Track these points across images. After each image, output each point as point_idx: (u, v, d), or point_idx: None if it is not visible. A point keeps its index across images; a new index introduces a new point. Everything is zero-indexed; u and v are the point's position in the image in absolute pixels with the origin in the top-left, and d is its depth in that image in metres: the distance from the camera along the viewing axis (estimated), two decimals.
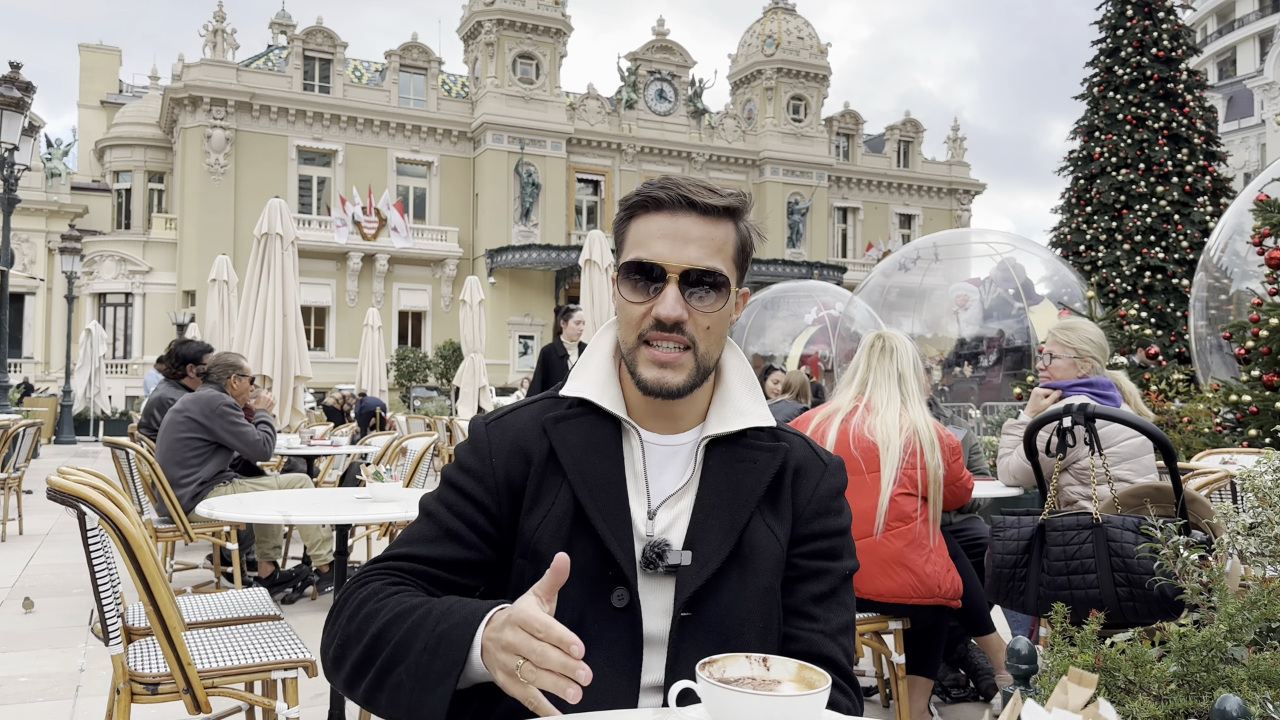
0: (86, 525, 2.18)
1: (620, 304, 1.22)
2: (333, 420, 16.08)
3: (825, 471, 1.29)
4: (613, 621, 1.16)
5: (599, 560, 1.17)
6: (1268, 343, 6.21)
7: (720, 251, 1.20)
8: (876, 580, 2.89)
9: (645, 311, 1.19)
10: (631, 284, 1.20)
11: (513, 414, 1.29)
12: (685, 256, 1.18)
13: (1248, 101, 40.74)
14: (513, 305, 36.15)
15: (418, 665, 1.04)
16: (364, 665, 1.09)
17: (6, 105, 12.13)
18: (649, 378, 1.19)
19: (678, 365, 1.19)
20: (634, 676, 1.15)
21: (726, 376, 1.29)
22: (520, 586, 1.16)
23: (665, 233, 1.19)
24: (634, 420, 1.25)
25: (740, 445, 1.25)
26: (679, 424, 1.26)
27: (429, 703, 1.02)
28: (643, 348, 1.20)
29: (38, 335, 34.55)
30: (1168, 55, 16.94)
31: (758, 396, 1.29)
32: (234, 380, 5.28)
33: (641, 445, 1.24)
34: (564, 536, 1.17)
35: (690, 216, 1.19)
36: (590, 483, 1.19)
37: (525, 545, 1.19)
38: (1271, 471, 1.81)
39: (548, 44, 37.32)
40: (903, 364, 3.06)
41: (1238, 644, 1.25)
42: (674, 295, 1.17)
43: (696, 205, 1.19)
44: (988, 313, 13.06)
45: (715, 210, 1.20)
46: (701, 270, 1.18)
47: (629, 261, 1.20)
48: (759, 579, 1.19)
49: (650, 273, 1.18)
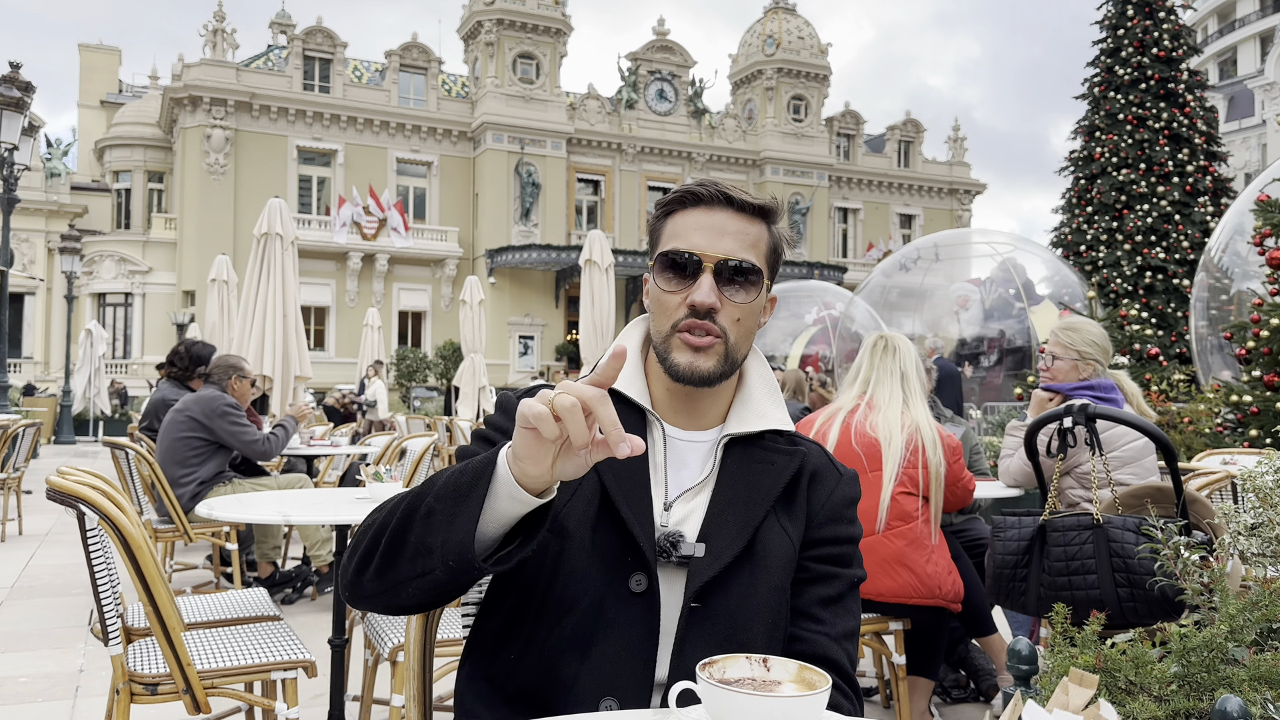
0: (86, 525, 2.18)
1: (656, 294, 1.26)
2: (333, 420, 16.07)
3: (841, 481, 1.32)
4: (631, 606, 1.17)
5: (620, 545, 1.19)
6: (1268, 343, 6.20)
7: (754, 247, 1.25)
8: (877, 580, 2.89)
9: (681, 300, 1.23)
10: (668, 274, 1.24)
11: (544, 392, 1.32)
12: (721, 247, 1.22)
13: (1248, 101, 40.74)
14: (513, 305, 36.15)
15: (447, 485, 1.05)
16: (386, 527, 1.09)
17: (6, 105, 12.12)
18: (681, 362, 1.23)
19: (710, 351, 1.22)
20: (649, 662, 1.16)
21: (749, 379, 1.33)
22: (545, 560, 1.18)
23: (702, 226, 1.24)
24: (658, 414, 1.28)
25: (759, 447, 1.28)
26: (701, 421, 1.29)
27: (461, 518, 1.01)
28: (677, 335, 1.23)
29: (37, 335, 34.55)
30: (1168, 55, 16.94)
31: (778, 401, 1.32)
32: (235, 381, 5.27)
33: (664, 438, 1.27)
34: (591, 517, 1.20)
35: (727, 212, 1.24)
36: (616, 469, 1.22)
37: (554, 521, 1.20)
38: (1272, 472, 1.81)
39: (548, 44, 37.31)
40: (905, 363, 3.08)
41: (1239, 645, 1.24)
42: (709, 284, 1.21)
43: (734, 201, 1.24)
44: (988, 313, 13.06)
45: (751, 208, 1.25)
46: (737, 261, 1.22)
47: (666, 251, 1.24)
48: (770, 576, 1.21)
49: (687, 262, 1.22)
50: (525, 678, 1.18)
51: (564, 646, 1.17)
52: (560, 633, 1.17)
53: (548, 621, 1.18)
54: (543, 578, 1.19)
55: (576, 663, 1.16)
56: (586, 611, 1.17)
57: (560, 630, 1.17)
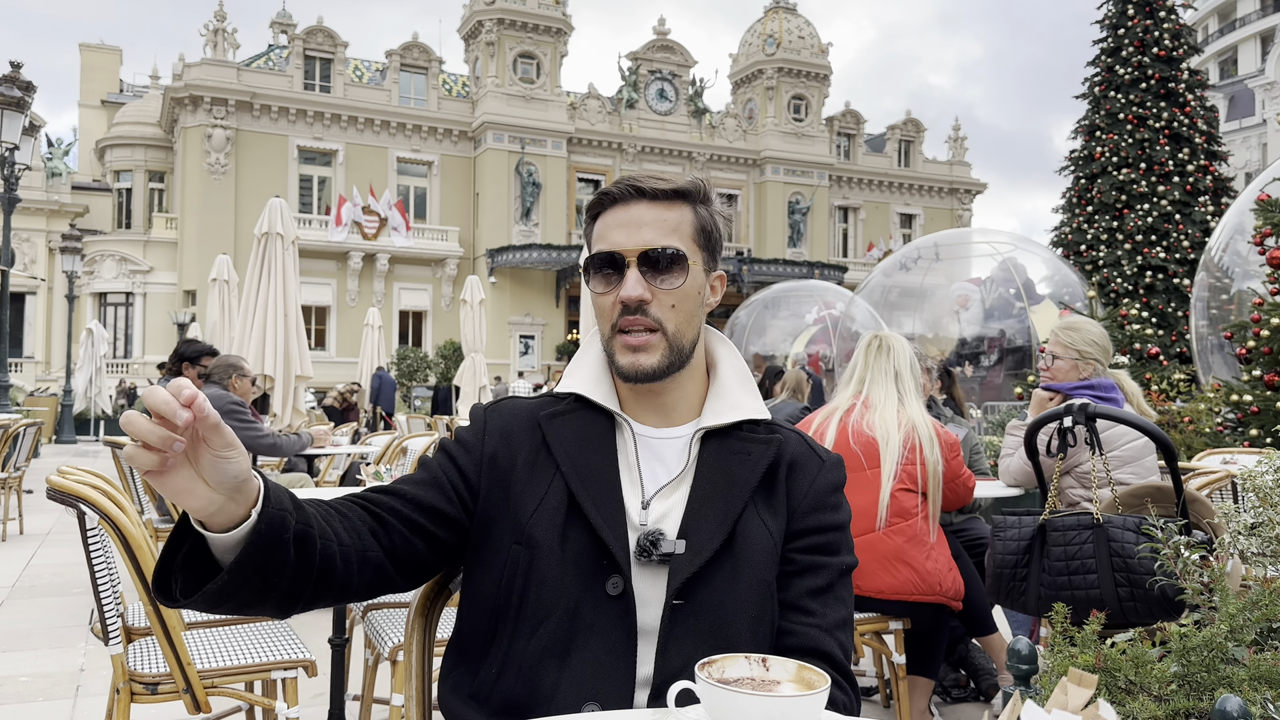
0: (86, 525, 2.18)
1: (592, 299, 1.28)
2: (333, 420, 16.07)
3: (823, 467, 1.30)
4: (608, 609, 1.17)
5: (593, 549, 1.18)
6: (1269, 342, 6.20)
7: (676, 231, 1.25)
8: (877, 577, 2.90)
9: (613, 300, 1.24)
10: (597, 277, 1.26)
11: (510, 403, 1.34)
12: (640, 239, 1.23)
13: (1249, 101, 40.72)
14: (513, 305, 36.15)
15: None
16: None
17: (7, 105, 12.12)
18: (624, 363, 1.24)
19: (649, 347, 1.23)
20: (630, 663, 1.16)
21: (720, 370, 1.33)
22: (515, 573, 1.19)
23: (620, 223, 1.25)
24: (627, 414, 1.28)
25: (734, 438, 1.27)
26: (672, 416, 1.29)
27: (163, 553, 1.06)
28: (618, 336, 1.24)
29: (38, 335, 34.55)
30: (1169, 55, 16.93)
31: (752, 390, 1.32)
32: (235, 380, 5.30)
33: (634, 437, 1.27)
34: (559, 526, 1.20)
35: (642, 204, 1.26)
36: (583, 474, 1.22)
37: (521, 532, 1.21)
38: (1272, 471, 1.81)
39: (548, 43, 37.31)
40: (899, 362, 3.09)
41: (1239, 644, 1.24)
42: (634, 277, 1.22)
43: (646, 192, 1.26)
44: (989, 312, 13.06)
45: (665, 194, 1.26)
46: (657, 249, 1.23)
47: (590, 256, 1.27)
48: (752, 570, 1.20)
49: (611, 262, 1.24)
50: (507, 690, 1.18)
51: (542, 656, 1.16)
52: (537, 643, 1.16)
53: (524, 632, 1.17)
54: (515, 590, 1.18)
55: (556, 671, 1.15)
56: (562, 619, 1.16)
57: (537, 640, 1.16)
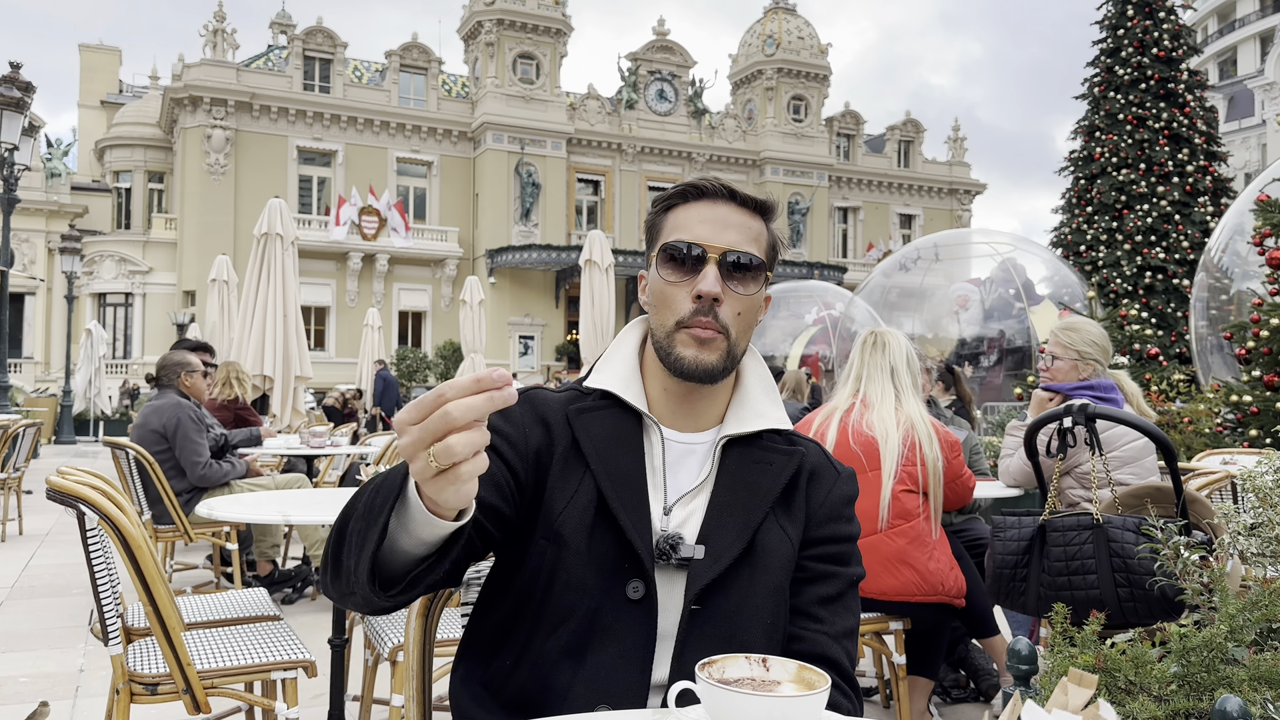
0: (86, 525, 2.18)
1: (659, 286, 1.25)
2: (333, 420, 16.06)
3: (839, 479, 1.31)
4: (628, 613, 1.17)
5: (618, 551, 1.18)
6: (1268, 343, 6.20)
7: (756, 241, 1.26)
8: (880, 579, 2.89)
9: (685, 292, 1.22)
10: (670, 265, 1.24)
11: (540, 393, 1.31)
12: (725, 239, 1.23)
13: (1248, 101, 40.72)
14: (513, 305, 36.14)
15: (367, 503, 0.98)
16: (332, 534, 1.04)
17: (6, 105, 12.12)
18: (687, 355, 1.22)
19: (714, 345, 1.22)
20: (645, 670, 1.16)
21: (745, 379, 1.32)
22: (541, 567, 1.18)
23: (705, 218, 1.24)
24: (655, 416, 1.27)
25: (757, 447, 1.27)
26: (699, 422, 1.29)
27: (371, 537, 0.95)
28: (681, 331, 1.23)
29: (38, 335, 34.54)
30: (1168, 55, 16.93)
31: (776, 400, 1.32)
32: (185, 379, 5.00)
33: (662, 441, 1.26)
34: (587, 525, 1.19)
35: (730, 205, 1.26)
36: (613, 474, 1.21)
37: (549, 529, 1.19)
38: (1272, 472, 1.81)
39: (548, 44, 37.31)
40: (894, 358, 3.05)
41: (1238, 644, 1.24)
42: (714, 274, 1.21)
43: (736, 196, 1.26)
44: (988, 313, 13.06)
45: (752, 204, 1.27)
46: (740, 253, 1.23)
47: (671, 242, 1.24)
48: (770, 577, 1.21)
49: (691, 254, 1.22)
50: (520, 684, 1.18)
51: (559, 656, 1.16)
52: (555, 642, 1.16)
53: (543, 631, 1.17)
54: (539, 587, 1.18)
55: (571, 671, 1.15)
56: (582, 620, 1.16)
57: (555, 639, 1.16)
